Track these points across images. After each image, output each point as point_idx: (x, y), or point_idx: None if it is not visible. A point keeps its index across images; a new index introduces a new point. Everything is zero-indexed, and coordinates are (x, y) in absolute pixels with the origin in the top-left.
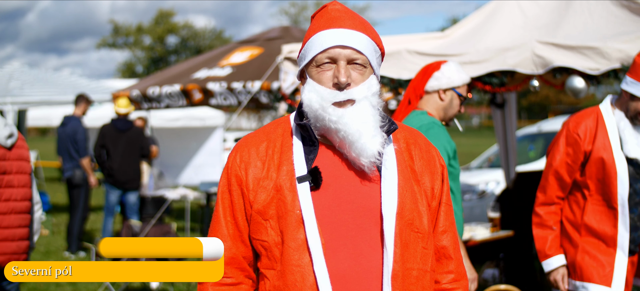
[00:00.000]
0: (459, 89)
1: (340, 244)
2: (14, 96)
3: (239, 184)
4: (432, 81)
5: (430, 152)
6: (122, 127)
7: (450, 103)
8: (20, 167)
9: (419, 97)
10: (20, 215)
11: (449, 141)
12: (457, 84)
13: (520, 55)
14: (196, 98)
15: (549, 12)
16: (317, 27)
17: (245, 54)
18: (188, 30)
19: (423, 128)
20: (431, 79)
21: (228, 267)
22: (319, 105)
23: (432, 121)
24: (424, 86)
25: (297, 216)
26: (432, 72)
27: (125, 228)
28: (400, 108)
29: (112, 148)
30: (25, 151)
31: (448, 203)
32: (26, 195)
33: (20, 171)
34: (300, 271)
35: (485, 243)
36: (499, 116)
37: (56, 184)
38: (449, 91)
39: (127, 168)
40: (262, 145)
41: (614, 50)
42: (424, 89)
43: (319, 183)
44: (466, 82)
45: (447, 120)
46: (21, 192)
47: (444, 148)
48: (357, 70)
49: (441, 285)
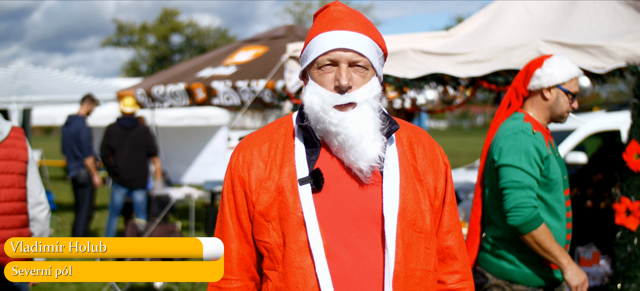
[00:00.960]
0: (566, 86)
1: (342, 246)
2: (19, 95)
3: (241, 185)
4: (533, 80)
5: (433, 151)
6: (128, 125)
7: (556, 101)
8: (6, 167)
9: (522, 98)
10: (6, 217)
11: (535, 150)
12: (561, 80)
13: (525, 54)
14: (199, 98)
15: (554, 11)
16: (319, 28)
17: (250, 53)
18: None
19: (509, 130)
20: (533, 78)
21: (237, 269)
22: (320, 107)
23: (519, 129)
24: (527, 86)
25: (298, 218)
26: (533, 70)
27: (130, 227)
28: (499, 111)
29: (118, 146)
30: (18, 150)
31: (452, 203)
32: (14, 196)
33: (5, 171)
34: (302, 273)
35: None
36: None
37: (61, 183)
38: (554, 89)
39: (133, 166)
40: (264, 146)
41: (619, 49)
42: (527, 89)
43: (321, 185)
44: (574, 76)
45: (557, 119)
46: (6, 193)
47: (526, 157)
48: (358, 72)
49: (447, 286)
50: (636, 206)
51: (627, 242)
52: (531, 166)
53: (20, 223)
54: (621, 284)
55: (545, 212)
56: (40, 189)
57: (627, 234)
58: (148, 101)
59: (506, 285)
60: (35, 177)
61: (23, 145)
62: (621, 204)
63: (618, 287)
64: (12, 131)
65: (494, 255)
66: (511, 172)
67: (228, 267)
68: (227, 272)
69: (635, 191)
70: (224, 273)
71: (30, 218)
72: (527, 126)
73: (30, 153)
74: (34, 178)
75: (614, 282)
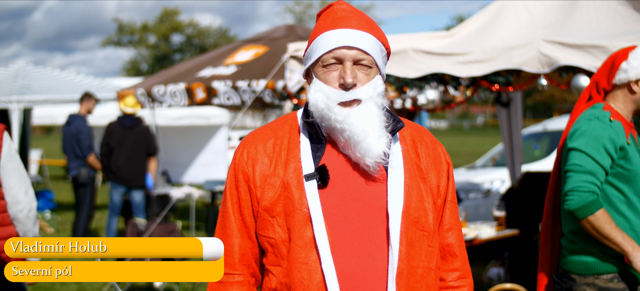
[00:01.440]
0: None
1: (347, 242)
2: (19, 94)
3: (245, 180)
4: (620, 73)
5: (436, 149)
6: (129, 124)
7: None
8: None
9: (603, 92)
10: None
11: (608, 139)
12: None
13: (526, 54)
14: (200, 97)
15: (554, 11)
16: (323, 27)
17: (250, 53)
18: (193, 29)
19: (584, 117)
20: (619, 71)
21: (239, 264)
22: (324, 104)
23: (595, 116)
24: (612, 80)
25: (304, 214)
26: (619, 63)
27: (130, 226)
28: (578, 105)
29: (118, 145)
30: None
31: (453, 201)
32: None
33: None
34: (307, 268)
35: (490, 241)
36: (504, 115)
37: (61, 182)
38: None
39: (132, 165)
40: (269, 142)
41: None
42: (612, 82)
43: (327, 181)
44: None
45: None
46: None
47: (595, 143)
48: (363, 70)
49: (447, 283)
50: None
51: None
52: (599, 153)
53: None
54: None
55: (624, 205)
56: (18, 187)
57: None
58: (148, 100)
59: (595, 280)
60: (12, 175)
61: None
62: None
63: None
64: None
65: (574, 252)
66: (576, 156)
67: (230, 262)
68: (229, 267)
69: None
70: (225, 268)
71: (11, 217)
72: (604, 114)
73: (5, 151)
74: (11, 176)
75: None
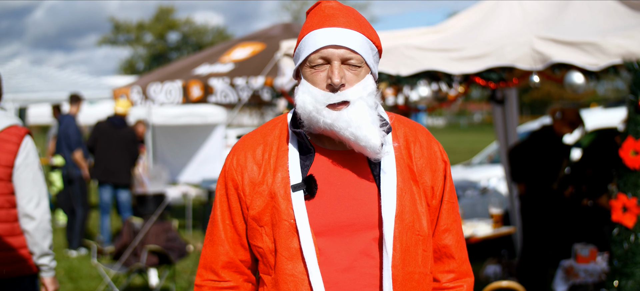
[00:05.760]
0: None
1: (335, 252)
2: (15, 92)
3: (235, 188)
4: None
5: (431, 148)
6: (118, 124)
7: None
8: None
9: None
10: None
11: None
12: None
13: (519, 50)
14: (196, 95)
15: (547, 7)
16: (310, 26)
17: (247, 50)
18: (189, 27)
19: None
20: None
21: (225, 270)
22: (312, 107)
23: None
24: None
25: (290, 225)
26: None
27: (126, 225)
28: None
29: (105, 143)
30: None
31: (451, 201)
32: None
33: None
34: (293, 280)
35: (487, 239)
36: (499, 113)
37: None
38: None
39: (117, 164)
40: (258, 148)
41: (614, 45)
42: None
43: (314, 192)
44: None
45: None
46: None
47: None
48: (351, 70)
49: (441, 284)
50: (633, 202)
51: (624, 239)
52: None
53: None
54: (618, 281)
55: None
56: (29, 198)
57: (623, 231)
58: (144, 99)
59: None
60: (25, 184)
61: (10, 149)
62: (618, 201)
63: (615, 284)
64: (4, 131)
65: None
66: None
67: (214, 268)
68: (212, 273)
69: (632, 188)
70: (211, 275)
71: (22, 228)
72: None
73: (21, 158)
74: (23, 185)
75: (611, 279)
